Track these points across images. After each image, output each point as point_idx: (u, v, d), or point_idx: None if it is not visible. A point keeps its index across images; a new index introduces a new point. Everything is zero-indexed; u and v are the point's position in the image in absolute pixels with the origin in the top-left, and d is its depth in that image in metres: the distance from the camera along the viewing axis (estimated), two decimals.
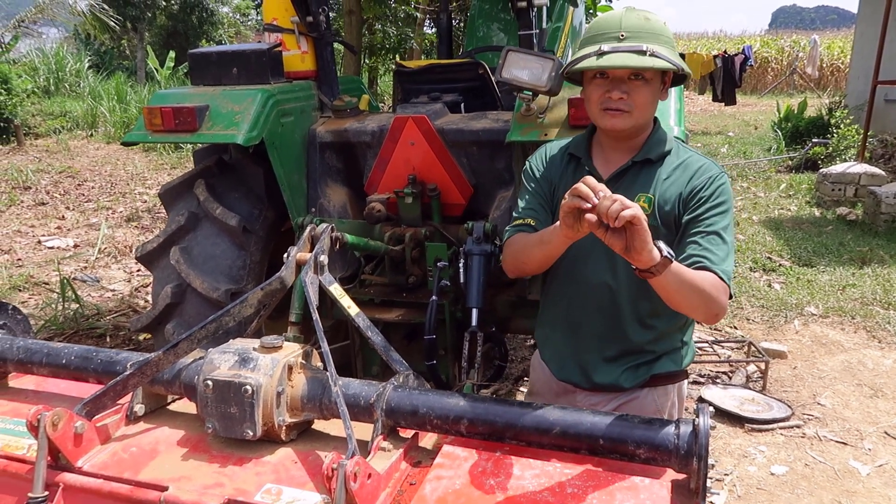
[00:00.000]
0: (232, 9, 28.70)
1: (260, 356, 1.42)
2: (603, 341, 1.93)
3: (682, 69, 1.77)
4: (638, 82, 1.75)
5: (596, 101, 1.80)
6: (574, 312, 1.96)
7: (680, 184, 1.82)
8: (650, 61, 1.70)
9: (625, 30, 1.73)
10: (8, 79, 13.22)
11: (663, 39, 1.75)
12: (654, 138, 1.88)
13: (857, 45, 12.71)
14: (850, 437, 3.57)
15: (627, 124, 1.79)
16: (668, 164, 1.86)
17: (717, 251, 1.72)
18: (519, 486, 1.26)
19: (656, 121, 1.92)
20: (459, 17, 9.38)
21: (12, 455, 1.40)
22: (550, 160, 2.00)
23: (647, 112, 1.82)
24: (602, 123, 1.82)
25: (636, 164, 1.86)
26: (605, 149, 1.92)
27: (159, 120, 2.83)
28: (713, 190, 1.79)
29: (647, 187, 1.84)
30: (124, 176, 10.42)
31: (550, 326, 2.06)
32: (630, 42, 1.71)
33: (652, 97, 1.79)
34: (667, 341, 1.95)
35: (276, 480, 1.30)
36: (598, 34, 1.77)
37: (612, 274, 1.87)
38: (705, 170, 1.83)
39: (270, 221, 3.16)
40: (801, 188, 9.03)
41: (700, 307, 1.70)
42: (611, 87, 1.76)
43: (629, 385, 1.93)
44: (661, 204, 1.82)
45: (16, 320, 1.82)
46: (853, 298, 5.31)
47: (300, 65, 3.29)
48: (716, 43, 29.82)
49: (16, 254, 6.72)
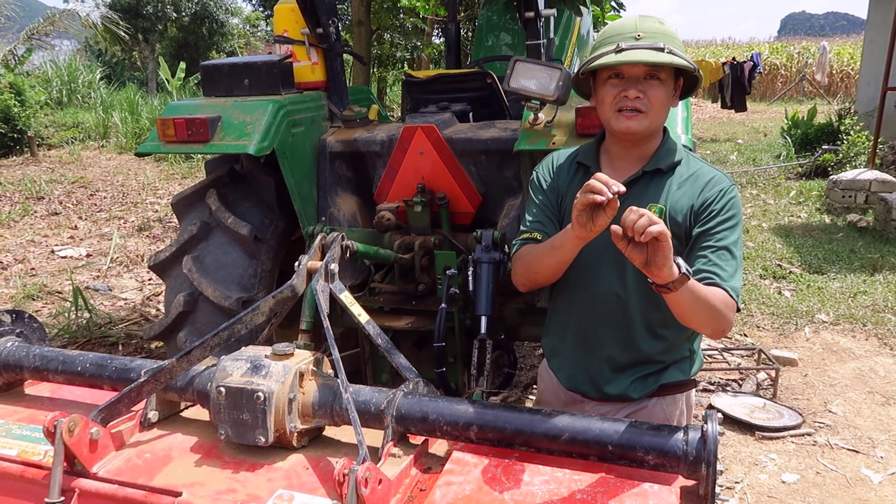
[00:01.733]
0: (242, 20, 28.96)
1: (272, 363, 1.44)
2: (613, 351, 1.92)
3: (696, 70, 1.78)
4: (654, 82, 1.74)
5: (610, 103, 1.78)
6: (583, 323, 1.95)
7: (691, 195, 1.82)
8: (668, 58, 1.70)
9: (641, 31, 1.74)
10: (21, 90, 13.40)
11: (677, 43, 1.76)
12: (664, 148, 1.87)
13: (867, 52, 12.68)
14: (862, 444, 3.55)
15: (643, 126, 1.77)
16: (679, 174, 1.85)
17: (726, 267, 1.73)
18: (528, 493, 1.27)
19: (665, 130, 1.91)
20: (467, 28, 9.43)
21: (29, 461, 1.42)
22: (558, 170, 1.99)
23: (662, 114, 1.81)
24: (617, 125, 1.80)
25: (646, 173, 1.85)
26: (615, 157, 1.91)
27: (172, 131, 2.86)
28: (724, 203, 1.79)
29: (659, 198, 1.82)
30: (136, 186, 10.51)
31: (559, 336, 2.05)
32: (647, 41, 1.72)
33: (666, 99, 1.79)
34: (676, 351, 1.95)
35: (288, 486, 1.31)
36: (613, 35, 1.78)
37: (621, 284, 1.86)
38: (716, 182, 1.82)
39: (281, 230, 3.18)
40: (811, 195, 9.00)
41: (709, 323, 1.72)
42: (626, 87, 1.75)
43: (638, 395, 1.93)
44: (672, 215, 1.81)
45: (31, 328, 1.84)
46: (864, 306, 5.28)
47: (310, 76, 3.33)
48: (724, 50, 29.79)
49: (29, 263, 6.79)
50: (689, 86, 1.89)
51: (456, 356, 2.86)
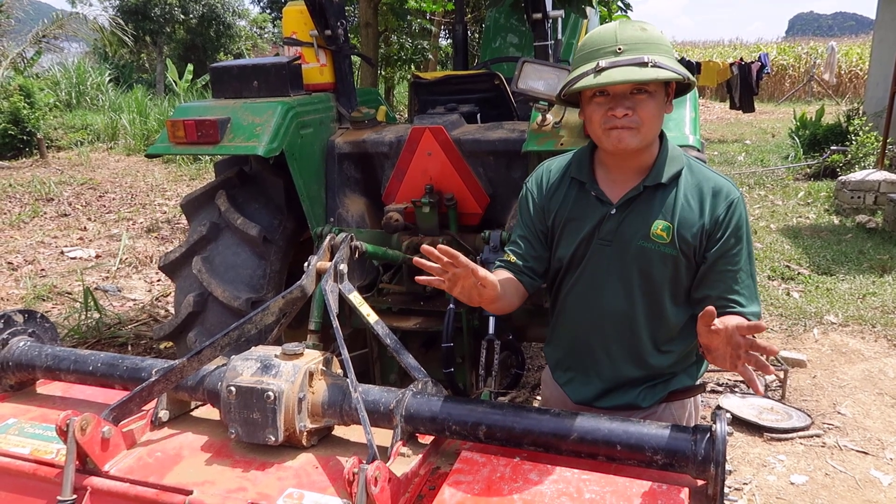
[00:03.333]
0: (249, 22, 29.05)
1: (282, 363, 1.45)
2: (621, 367, 1.88)
3: (686, 77, 1.64)
4: (641, 96, 1.63)
5: (598, 122, 1.66)
6: (590, 339, 1.89)
7: (700, 212, 1.72)
8: (653, 72, 1.58)
9: (621, 43, 1.61)
10: (31, 93, 13.49)
11: (663, 49, 1.64)
12: (662, 158, 1.75)
13: (876, 52, 12.60)
14: (872, 446, 3.53)
15: (635, 142, 1.66)
16: (683, 185, 1.74)
17: (745, 291, 1.70)
18: (537, 492, 1.27)
19: (663, 137, 1.79)
20: (475, 29, 9.43)
21: (42, 459, 1.44)
22: (550, 185, 1.88)
23: (654, 127, 1.69)
24: (607, 144, 1.69)
25: (648, 188, 1.74)
26: (611, 169, 1.79)
27: (182, 132, 2.88)
28: (736, 220, 1.71)
29: (664, 214, 1.73)
30: (144, 187, 10.56)
31: (564, 350, 2.00)
32: (628, 55, 1.59)
33: (657, 110, 1.67)
34: (683, 361, 1.91)
35: (297, 485, 1.32)
36: (593, 50, 1.65)
37: (628, 302, 1.80)
38: (725, 195, 1.73)
39: (290, 231, 3.20)
40: (819, 196, 8.96)
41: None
42: (613, 105, 1.63)
43: (647, 405, 1.90)
44: (681, 232, 1.72)
45: (43, 328, 1.86)
46: (873, 307, 5.26)
47: (319, 77, 3.35)
48: (732, 51, 29.67)
49: (39, 264, 6.83)
50: (681, 88, 1.76)
51: (464, 357, 2.87)
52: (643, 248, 1.74)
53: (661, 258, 1.74)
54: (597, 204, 1.79)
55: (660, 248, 1.73)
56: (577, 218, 1.81)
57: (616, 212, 1.76)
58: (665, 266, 1.75)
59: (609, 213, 1.76)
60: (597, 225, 1.78)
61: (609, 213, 1.76)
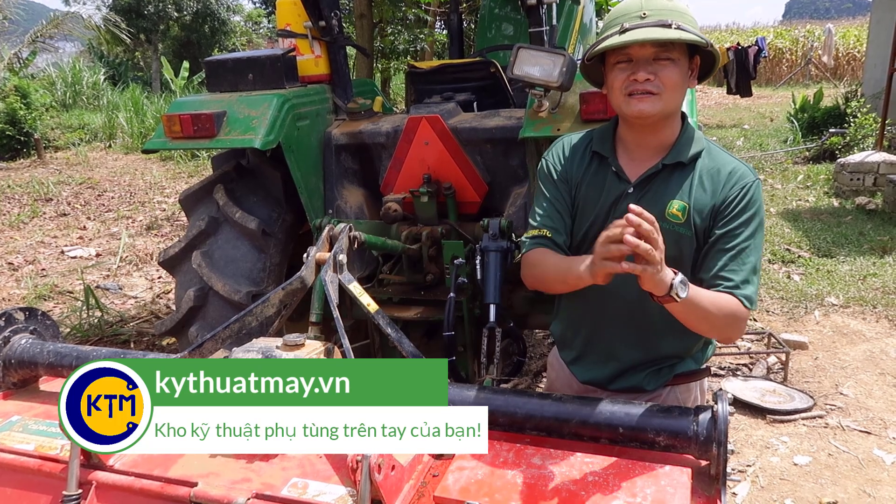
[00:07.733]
0: (244, 17, 28.95)
1: (283, 354, 1.45)
2: (630, 351, 1.86)
3: (709, 45, 1.63)
4: (665, 62, 1.62)
5: (620, 87, 1.65)
6: (599, 322, 1.87)
7: (713, 193, 1.70)
8: (677, 33, 1.57)
9: (646, 9, 1.61)
10: (27, 93, 13.48)
11: (688, 19, 1.63)
12: (683, 138, 1.75)
13: (873, 33, 12.57)
14: (874, 426, 3.54)
15: (656, 108, 1.64)
16: (701, 167, 1.73)
17: (740, 272, 1.64)
18: (540, 476, 1.28)
19: (685, 116, 1.79)
20: (470, 18, 9.40)
21: (46, 455, 1.44)
22: (570, 156, 1.86)
23: (677, 96, 1.66)
24: (628, 109, 1.66)
25: (666, 167, 1.73)
26: (631, 147, 1.78)
27: (178, 127, 2.87)
28: (747, 202, 1.68)
29: (681, 194, 1.71)
30: (143, 185, 10.55)
31: (571, 329, 1.99)
32: (653, 19, 1.59)
33: (680, 79, 1.65)
34: (690, 345, 1.89)
35: (302, 474, 1.32)
36: (618, 17, 1.65)
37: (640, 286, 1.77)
38: (740, 177, 1.70)
39: (289, 224, 3.19)
40: (818, 179, 8.95)
41: (714, 332, 1.70)
42: (635, 69, 1.62)
43: (652, 388, 1.89)
44: (695, 213, 1.70)
45: (45, 326, 1.86)
46: (874, 288, 5.26)
47: (314, 69, 3.33)
48: (728, 36, 29.59)
49: (40, 264, 6.84)
50: (706, 66, 1.75)
51: (465, 345, 2.87)
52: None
53: (676, 238, 1.69)
54: (615, 180, 1.76)
55: (675, 228, 1.70)
56: (594, 192, 1.79)
57: (633, 190, 1.74)
58: (678, 246, 1.71)
59: (626, 192, 1.74)
60: (613, 202, 1.76)
61: (626, 191, 1.74)
